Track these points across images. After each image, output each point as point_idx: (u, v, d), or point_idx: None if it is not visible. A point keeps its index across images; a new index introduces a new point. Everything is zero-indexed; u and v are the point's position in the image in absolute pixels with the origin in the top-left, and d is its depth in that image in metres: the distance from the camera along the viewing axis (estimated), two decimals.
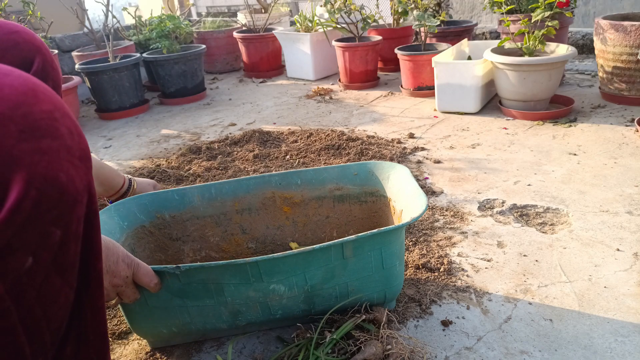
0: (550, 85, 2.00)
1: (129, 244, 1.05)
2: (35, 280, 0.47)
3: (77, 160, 0.49)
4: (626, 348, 0.88)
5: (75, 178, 0.48)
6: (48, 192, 0.45)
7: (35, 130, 0.45)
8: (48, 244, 0.47)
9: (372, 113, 2.34)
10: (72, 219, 0.49)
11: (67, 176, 0.47)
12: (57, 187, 0.46)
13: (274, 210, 1.19)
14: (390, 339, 0.90)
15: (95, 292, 0.56)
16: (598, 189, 1.43)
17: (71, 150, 0.48)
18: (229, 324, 0.94)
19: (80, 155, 0.50)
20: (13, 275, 0.45)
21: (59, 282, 0.50)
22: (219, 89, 3.13)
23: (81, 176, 0.49)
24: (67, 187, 0.47)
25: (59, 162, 0.46)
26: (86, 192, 0.50)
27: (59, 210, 0.47)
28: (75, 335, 0.55)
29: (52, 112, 0.47)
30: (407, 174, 1.07)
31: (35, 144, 0.45)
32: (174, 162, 1.92)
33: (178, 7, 4.70)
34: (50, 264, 0.48)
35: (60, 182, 0.46)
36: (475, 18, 3.42)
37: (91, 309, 0.56)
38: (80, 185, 0.49)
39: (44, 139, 0.46)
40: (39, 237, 0.46)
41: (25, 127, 0.45)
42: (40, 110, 0.46)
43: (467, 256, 1.19)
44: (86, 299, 0.55)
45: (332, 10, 2.74)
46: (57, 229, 0.47)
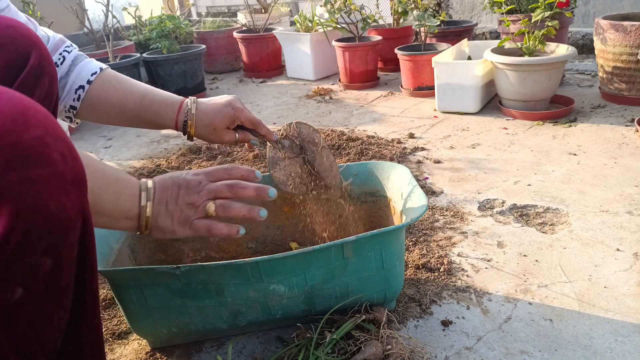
0: (550, 85, 2.00)
1: (129, 244, 1.05)
2: (26, 309, 0.46)
3: (69, 185, 0.47)
4: (626, 348, 0.88)
5: (67, 205, 0.46)
6: (37, 223, 0.44)
7: (24, 159, 0.43)
8: (38, 273, 0.46)
9: (372, 113, 2.34)
10: (64, 246, 0.48)
11: (58, 205, 0.45)
12: (47, 217, 0.45)
13: (274, 210, 1.19)
14: (390, 339, 0.90)
15: (91, 310, 0.55)
16: (598, 189, 1.43)
17: (63, 176, 0.47)
18: (229, 324, 0.94)
19: (73, 179, 0.48)
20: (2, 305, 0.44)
21: (52, 307, 0.49)
22: (219, 89, 3.13)
23: (74, 201, 0.47)
24: (58, 216, 0.45)
25: (49, 190, 0.45)
26: (80, 217, 0.49)
27: (49, 240, 0.46)
28: (71, 351, 0.55)
29: (43, 137, 0.45)
30: (407, 174, 1.07)
31: (24, 174, 0.43)
32: (174, 162, 1.92)
33: (178, 7, 4.70)
34: (41, 292, 0.47)
35: (50, 212, 0.45)
36: (475, 18, 3.42)
37: (87, 327, 0.56)
38: (72, 211, 0.47)
39: (33, 168, 0.44)
40: (28, 268, 0.45)
41: (13, 156, 0.43)
42: (30, 137, 0.44)
43: (467, 256, 1.19)
44: (82, 317, 0.54)
45: (332, 10, 2.74)
46: (47, 259, 0.46)
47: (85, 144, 2.32)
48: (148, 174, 1.81)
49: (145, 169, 1.89)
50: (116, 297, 0.90)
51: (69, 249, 0.48)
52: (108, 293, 1.16)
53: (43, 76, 0.69)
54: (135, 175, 1.83)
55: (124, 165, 1.98)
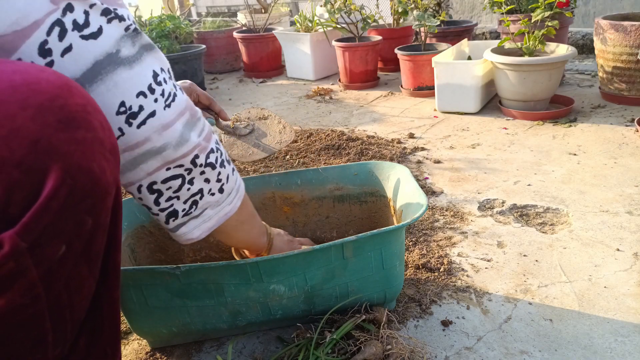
0: (550, 85, 2.00)
1: (129, 243, 1.05)
2: (65, 269, 0.48)
3: (108, 153, 0.50)
4: (626, 348, 0.88)
5: (106, 170, 0.49)
6: (82, 182, 0.47)
7: (71, 121, 0.47)
8: (81, 232, 0.48)
9: (372, 113, 2.34)
10: (103, 209, 0.50)
11: (100, 168, 0.48)
12: (91, 177, 0.47)
13: (274, 210, 1.19)
14: (390, 339, 0.90)
15: (113, 283, 0.57)
16: (598, 189, 1.43)
17: (103, 143, 0.50)
18: (229, 324, 0.94)
19: (110, 148, 0.51)
20: (47, 262, 0.46)
21: (86, 272, 0.51)
22: (219, 89, 3.13)
23: (111, 169, 0.51)
24: (100, 178, 0.48)
25: (93, 153, 0.48)
26: (114, 185, 0.52)
27: (92, 200, 0.48)
28: (90, 326, 0.56)
29: (85, 105, 0.49)
30: (407, 174, 1.07)
31: (72, 135, 0.46)
32: None
33: (178, 7, 4.70)
34: (80, 254, 0.49)
35: (93, 173, 0.48)
36: (475, 18, 3.42)
37: (108, 301, 0.57)
38: (110, 177, 0.50)
39: (79, 130, 0.47)
40: (73, 226, 0.47)
41: (63, 117, 0.46)
42: (75, 103, 0.48)
43: (467, 256, 1.19)
44: (104, 290, 0.56)
45: (332, 10, 2.74)
46: (89, 218, 0.49)
47: None
48: None
49: None
50: None
51: (105, 214, 0.51)
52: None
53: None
54: None
55: None
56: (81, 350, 0.56)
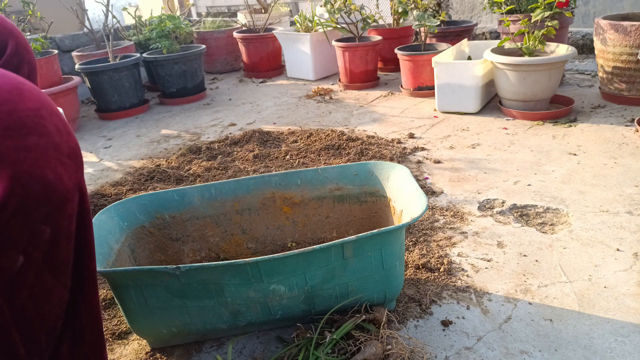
0: (550, 85, 2.00)
1: (129, 244, 1.05)
2: (27, 279, 0.47)
3: (65, 158, 0.48)
4: (626, 348, 0.88)
5: (63, 176, 0.48)
6: (35, 190, 0.45)
7: (21, 127, 0.45)
8: (38, 242, 0.47)
9: (372, 113, 2.34)
10: (63, 217, 0.49)
11: (55, 174, 0.47)
12: (45, 185, 0.46)
13: (274, 211, 1.19)
14: (390, 339, 0.90)
15: (90, 290, 0.56)
16: (598, 189, 1.43)
17: (59, 148, 0.48)
18: (229, 324, 0.94)
19: (69, 153, 0.49)
20: (5, 274, 0.45)
21: (51, 281, 0.50)
22: (219, 89, 3.13)
23: (70, 174, 0.49)
24: (56, 185, 0.47)
25: (46, 159, 0.46)
26: (77, 191, 0.50)
27: (48, 208, 0.46)
28: (71, 334, 0.55)
29: (38, 109, 0.47)
30: (407, 174, 1.07)
31: (21, 141, 0.44)
32: (174, 162, 1.92)
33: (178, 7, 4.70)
34: (41, 263, 0.48)
35: (47, 180, 0.46)
36: (475, 18, 3.42)
37: (86, 307, 0.56)
38: (69, 183, 0.48)
39: (30, 136, 0.45)
40: (28, 235, 0.46)
41: (10, 124, 0.44)
42: (26, 107, 0.46)
43: (467, 256, 1.19)
44: (81, 297, 0.55)
45: (332, 10, 2.74)
46: (46, 227, 0.47)
47: (85, 144, 2.32)
48: (148, 174, 1.81)
49: (145, 169, 1.89)
50: (116, 297, 0.90)
51: (67, 222, 0.49)
52: (108, 293, 1.16)
53: (22, 65, 0.67)
54: (135, 175, 1.83)
55: (123, 165, 1.98)
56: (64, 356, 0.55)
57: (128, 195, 1.66)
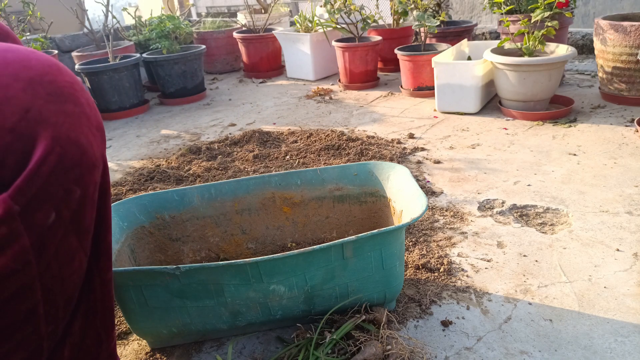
0: (550, 85, 2.00)
1: (129, 244, 1.05)
2: (55, 237, 0.50)
3: (94, 129, 0.53)
4: (626, 348, 0.88)
5: (93, 144, 0.52)
6: (71, 151, 0.49)
7: (60, 95, 0.50)
8: (69, 201, 0.50)
9: (372, 113, 2.34)
10: (90, 182, 0.52)
11: (87, 140, 0.51)
12: (79, 148, 0.50)
13: (274, 211, 1.19)
14: (390, 339, 0.90)
15: (105, 264, 0.59)
16: (598, 189, 1.43)
17: (90, 119, 0.52)
18: (229, 324, 0.94)
19: (97, 125, 0.54)
20: (38, 228, 0.48)
21: (76, 244, 0.53)
22: (218, 89, 3.13)
23: (98, 144, 0.53)
24: (87, 150, 0.51)
25: (80, 126, 0.51)
26: (102, 161, 0.54)
27: (80, 170, 0.50)
28: (84, 309, 0.57)
29: (72, 84, 0.52)
30: (407, 174, 1.07)
31: (60, 107, 0.49)
32: (173, 162, 1.92)
33: (178, 7, 4.70)
34: (69, 223, 0.51)
35: (81, 144, 0.50)
36: (475, 18, 3.42)
37: (100, 281, 0.58)
38: (97, 151, 0.53)
39: (67, 104, 0.50)
40: (62, 193, 0.49)
41: (52, 91, 0.49)
42: (64, 80, 0.51)
43: (467, 256, 1.19)
44: (96, 271, 0.57)
45: (332, 11, 2.74)
46: (77, 188, 0.50)
47: None
48: (148, 174, 1.81)
49: (145, 169, 1.89)
50: (116, 298, 0.90)
51: (93, 187, 0.53)
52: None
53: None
54: (135, 175, 1.83)
55: (123, 165, 1.98)
56: (76, 334, 0.57)
57: (128, 195, 1.66)
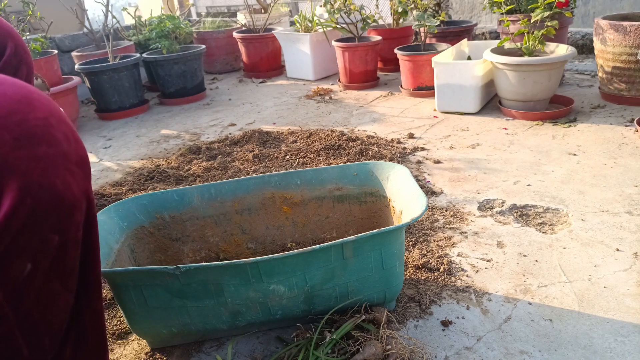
0: (550, 85, 2.00)
1: (129, 244, 1.05)
2: (34, 286, 0.47)
3: (73, 166, 0.49)
4: (626, 348, 0.88)
5: (72, 184, 0.48)
6: (44, 199, 0.45)
7: (31, 137, 0.45)
8: (47, 250, 0.47)
9: (372, 113, 2.34)
10: (71, 225, 0.49)
11: (64, 183, 0.47)
12: (54, 194, 0.46)
13: (274, 211, 1.19)
14: (390, 339, 0.90)
15: (94, 295, 0.56)
16: (598, 189, 1.43)
17: (68, 156, 0.48)
18: (229, 324, 0.94)
19: (77, 160, 0.50)
20: (12, 282, 0.45)
21: (58, 287, 0.50)
22: (218, 89, 3.13)
23: (78, 182, 0.49)
24: (64, 194, 0.47)
25: (55, 169, 0.47)
26: (84, 198, 0.50)
27: (57, 217, 0.47)
28: (74, 338, 0.55)
29: (47, 119, 0.47)
30: (406, 174, 1.07)
31: (31, 151, 0.45)
32: (173, 162, 1.92)
33: (178, 7, 4.70)
34: (49, 270, 0.48)
35: (56, 189, 0.46)
36: (475, 18, 3.42)
37: (90, 312, 0.56)
38: (77, 191, 0.49)
39: (40, 146, 0.46)
40: (37, 243, 0.46)
41: (20, 134, 0.45)
42: (36, 117, 0.46)
43: (467, 256, 1.19)
44: (85, 302, 0.55)
45: (332, 11, 2.74)
46: (55, 235, 0.47)
47: (85, 144, 2.32)
48: (148, 174, 1.81)
49: (145, 169, 1.89)
50: (116, 298, 0.90)
51: (74, 229, 0.50)
52: (108, 293, 1.16)
53: (21, 66, 0.67)
54: (135, 175, 1.83)
55: (123, 165, 1.98)
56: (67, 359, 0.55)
57: (128, 195, 1.66)
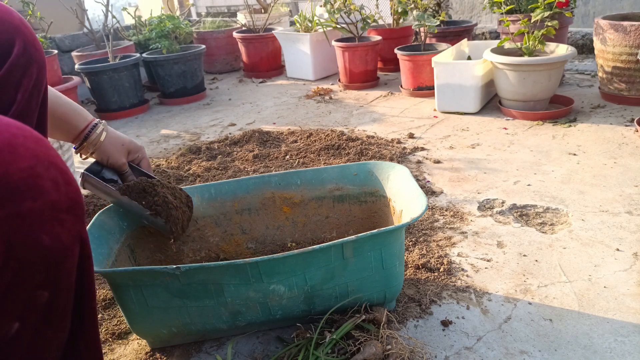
0: (550, 85, 2.00)
1: (129, 244, 1.05)
2: (24, 340, 0.45)
3: (64, 214, 0.46)
4: (626, 348, 0.88)
5: (61, 235, 0.45)
6: (30, 259, 0.43)
7: (13, 193, 0.41)
8: (35, 306, 0.45)
9: (372, 113, 2.34)
10: (61, 276, 0.47)
11: (52, 236, 0.44)
12: (40, 251, 0.43)
13: (274, 211, 1.19)
14: (390, 339, 0.90)
15: (89, 326, 0.55)
16: (598, 189, 1.43)
17: (57, 205, 0.45)
18: (229, 324, 0.94)
19: (68, 206, 0.46)
20: None
21: (50, 334, 0.48)
22: (218, 89, 3.13)
23: (69, 229, 0.46)
24: (52, 248, 0.44)
25: (42, 223, 0.43)
26: (77, 242, 0.48)
27: (45, 273, 0.44)
28: None
29: (33, 167, 0.43)
30: (406, 174, 1.07)
31: (13, 209, 0.41)
32: (173, 162, 1.92)
33: (178, 7, 4.70)
34: (39, 323, 0.46)
35: (43, 245, 0.43)
36: (475, 18, 3.42)
37: (85, 343, 0.55)
38: (68, 240, 0.46)
39: (24, 202, 0.42)
40: (24, 302, 0.44)
41: (1, 192, 0.41)
42: (19, 169, 0.42)
43: (467, 256, 1.19)
44: (80, 334, 0.54)
45: (332, 11, 2.74)
46: (44, 291, 0.45)
47: None
48: None
49: None
50: (116, 298, 0.90)
51: (66, 277, 0.47)
52: (108, 293, 1.16)
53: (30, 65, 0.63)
54: None
55: None
56: None
57: None
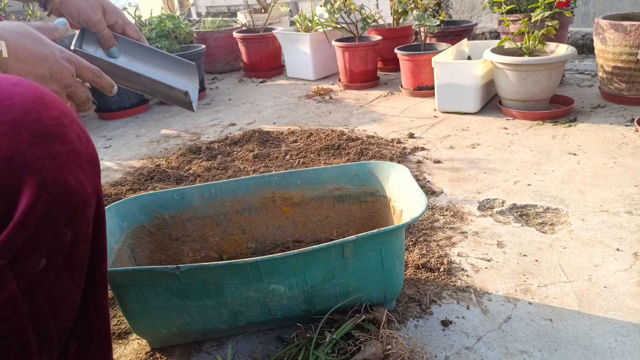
0: (550, 85, 2.00)
1: (129, 244, 1.05)
2: (47, 281, 0.49)
3: (85, 164, 0.50)
4: (626, 348, 0.88)
5: (84, 181, 0.50)
6: (59, 196, 0.47)
7: (46, 135, 0.47)
8: (60, 245, 0.49)
9: (372, 113, 2.34)
10: (83, 221, 0.50)
11: (77, 180, 0.49)
12: (68, 191, 0.48)
13: (274, 211, 1.19)
14: (390, 339, 0.90)
15: (100, 292, 0.58)
16: (598, 189, 1.43)
17: (80, 154, 0.50)
18: (229, 324, 0.94)
19: (88, 159, 0.51)
20: (28, 276, 0.46)
21: (69, 282, 0.52)
22: (218, 89, 3.13)
23: (90, 179, 0.51)
24: (77, 191, 0.49)
25: (69, 166, 0.48)
26: (95, 195, 0.52)
27: (70, 213, 0.48)
28: (79, 334, 0.57)
29: (60, 118, 0.49)
30: (407, 174, 1.07)
31: (47, 149, 0.46)
32: (173, 162, 1.92)
33: (178, 7, 4.70)
34: (61, 265, 0.50)
35: (70, 186, 0.48)
36: (475, 18, 3.42)
37: (95, 309, 0.58)
38: (89, 188, 0.50)
39: (54, 144, 0.47)
40: (52, 239, 0.47)
41: (37, 132, 0.46)
42: (50, 116, 0.48)
43: (467, 256, 1.19)
44: (91, 299, 0.57)
45: (332, 10, 2.74)
46: (68, 231, 0.49)
47: None
48: (148, 173, 1.81)
49: (145, 168, 1.88)
50: (116, 297, 0.90)
51: (85, 225, 0.51)
52: (108, 293, 1.16)
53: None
54: (135, 175, 1.83)
55: (123, 165, 1.98)
56: (71, 356, 0.56)
57: (128, 195, 1.66)
